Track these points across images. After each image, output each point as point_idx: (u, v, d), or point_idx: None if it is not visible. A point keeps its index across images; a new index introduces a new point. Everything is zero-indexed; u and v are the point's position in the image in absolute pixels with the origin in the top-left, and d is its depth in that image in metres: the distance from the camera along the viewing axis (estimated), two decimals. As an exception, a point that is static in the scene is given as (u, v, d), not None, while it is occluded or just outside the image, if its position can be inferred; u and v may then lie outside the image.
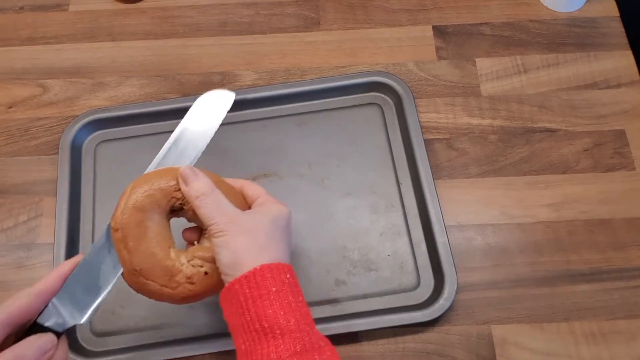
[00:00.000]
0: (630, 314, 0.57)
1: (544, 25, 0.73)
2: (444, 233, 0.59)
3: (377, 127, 0.67)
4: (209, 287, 0.45)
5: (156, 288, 0.44)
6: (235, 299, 0.41)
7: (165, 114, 0.67)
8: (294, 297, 0.42)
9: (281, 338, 0.39)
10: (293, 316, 0.41)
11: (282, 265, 0.43)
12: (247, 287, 0.41)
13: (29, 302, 0.41)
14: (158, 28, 0.74)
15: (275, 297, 0.41)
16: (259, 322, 0.40)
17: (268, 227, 0.44)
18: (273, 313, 0.40)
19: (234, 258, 0.42)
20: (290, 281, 0.43)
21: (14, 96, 0.70)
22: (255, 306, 0.40)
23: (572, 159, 0.64)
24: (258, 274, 0.41)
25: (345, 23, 0.74)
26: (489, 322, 0.57)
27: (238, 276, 0.41)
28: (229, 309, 0.42)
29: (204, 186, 0.44)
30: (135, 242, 0.43)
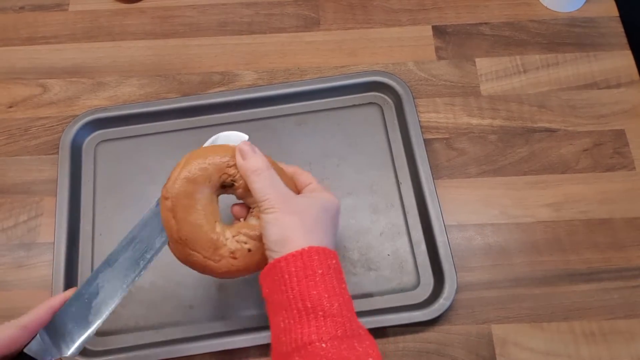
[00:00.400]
0: (630, 314, 0.57)
1: (543, 25, 0.73)
2: (443, 233, 0.59)
3: (376, 126, 0.67)
4: (251, 265, 0.45)
5: (200, 259, 0.44)
6: (280, 275, 0.41)
7: (165, 113, 0.67)
8: (338, 283, 0.42)
9: (323, 320, 0.39)
10: (337, 300, 0.40)
11: (329, 250, 0.43)
12: (293, 266, 0.40)
13: (15, 335, 0.41)
14: (158, 28, 0.74)
15: (321, 279, 0.41)
16: (302, 302, 0.40)
17: (318, 212, 0.45)
18: (317, 294, 0.40)
19: (283, 235, 0.42)
20: (336, 267, 0.43)
21: (14, 96, 0.70)
22: (300, 285, 0.40)
23: (571, 159, 0.64)
24: (305, 255, 0.41)
25: (345, 23, 0.74)
26: (488, 322, 0.57)
27: (285, 254, 0.41)
28: (271, 285, 0.41)
29: (261, 163, 0.44)
30: (184, 213, 0.44)
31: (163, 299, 0.59)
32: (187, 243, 0.44)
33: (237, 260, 0.45)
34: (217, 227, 0.45)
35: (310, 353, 0.38)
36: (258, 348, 0.56)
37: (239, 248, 0.45)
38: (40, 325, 0.43)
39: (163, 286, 0.59)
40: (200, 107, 0.67)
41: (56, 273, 0.58)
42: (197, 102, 0.67)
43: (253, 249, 0.45)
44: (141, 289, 0.59)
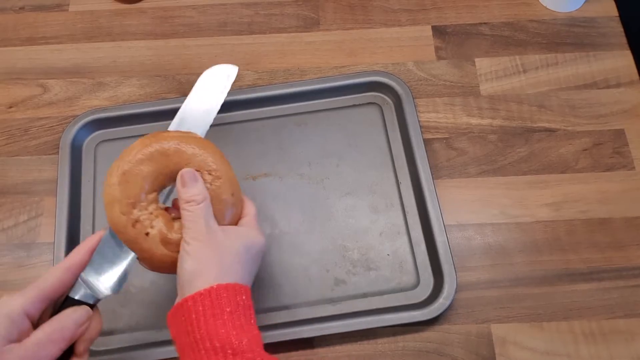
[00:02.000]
0: (630, 313, 0.57)
1: (543, 25, 0.73)
2: (443, 232, 0.59)
3: (376, 126, 0.67)
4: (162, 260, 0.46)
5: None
6: (187, 316, 0.41)
7: (165, 113, 0.67)
8: (246, 320, 0.42)
9: (232, 357, 0.39)
10: (245, 336, 0.40)
11: (239, 286, 0.43)
12: (200, 305, 0.41)
13: (60, 277, 0.43)
14: (158, 28, 0.74)
15: (229, 317, 0.41)
16: (209, 341, 0.39)
17: (239, 251, 0.45)
18: (226, 332, 0.40)
19: (196, 268, 0.43)
20: (245, 303, 0.43)
21: (14, 96, 0.70)
22: (207, 325, 0.40)
23: (571, 159, 0.65)
24: (214, 293, 0.41)
25: (345, 23, 0.74)
26: (488, 321, 0.57)
27: (193, 292, 0.41)
28: (178, 326, 0.41)
29: (197, 194, 0.44)
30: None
31: (163, 299, 0.59)
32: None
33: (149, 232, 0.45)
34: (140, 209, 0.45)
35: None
36: (258, 348, 0.56)
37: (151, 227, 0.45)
38: (82, 266, 0.44)
39: (163, 286, 0.59)
40: (200, 107, 0.67)
41: (56, 273, 0.58)
42: (197, 102, 0.67)
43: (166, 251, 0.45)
44: (142, 288, 0.59)
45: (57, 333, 0.40)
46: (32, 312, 0.41)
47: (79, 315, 0.42)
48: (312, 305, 0.58)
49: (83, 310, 0.42)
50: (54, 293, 0.42)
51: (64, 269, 0.43)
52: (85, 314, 0.42)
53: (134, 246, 0.45)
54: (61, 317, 0.41)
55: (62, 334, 0.40)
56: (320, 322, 0.56)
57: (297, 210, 0.62)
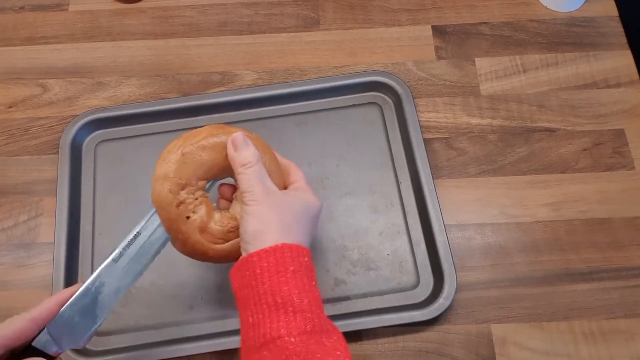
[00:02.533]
0: (630, 313, 0.57)
1: (543, 25, 0.73)
2: (443, 232, 0.59)
3: (376, 126, 0.67)
4: (230, 253, 0.47)
5: (194, 242, 0.46)
6: (251, 270, 0.41)
7: (165, 113, 0.67)
8: (308, 280, 0.42)
9: (293, 315, 0.39)
10: (306, 297, 0.41)
11: (301, 247, 0.43)
12: (265, 261, 0.41)
13: (24, 327, 0.42)
14: (158, 28, 0.74)
15: (292, 276, 0.41)
16: (272, 296, 0.40)
17: (298, 211, 0.45)
18: (288, 290, 0.40)
19: (259, 228, 0.43)
20: (308, 264, 0.43)
21: (14, 96, 0.70)
22: (271, 281, 0.40)
23: (571, 159, 0.65)
24: (278, 251, 0.41)
25: (345, 23, 0.74)
26: (488, 321, 0.57)
27: (258, 249, 0.41)
28: (241, 280, 0.42)
29: (251, 156, 0.45)
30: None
31: (163, 299, 0.59)
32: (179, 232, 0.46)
33: (221, 245, 0.46)
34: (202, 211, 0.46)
35: (279, 347, 0.38)
36: (258, 348, 0.56)
37: (223, 232, 0.46)
38: (49, 318, 0.43)
39: (163, 286, 0.59)
40: (200, 107, 0.67)
41: (56, 273, 0.58)
42: (196, 102, 0.67)
43: (232, 239, 0.46)
44: (141, 288, 0.59)
45: None
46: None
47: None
48: (312, 305, 0.58)
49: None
50: (14, 342, 0.41)
51: (28, 319, 0.42)
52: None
53: (172, 225, 0.46)
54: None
55: None
56: (320, 322, 0.56)
57: (297, 210, 0.62)
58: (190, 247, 0.46)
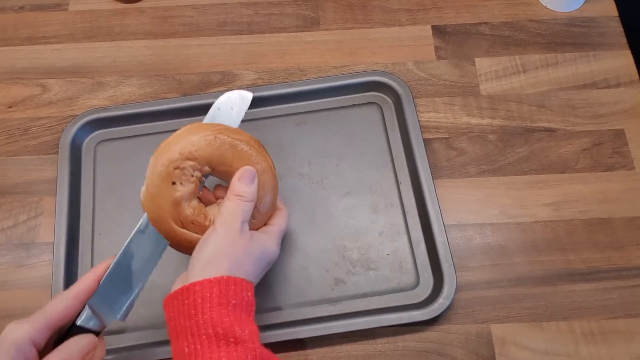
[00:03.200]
0: (630, 313, 0.57)
1: (543, 25, 0.73)
2: (443, 232, 0.59)
3: (376, 126, 0.67)
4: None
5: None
6: (192, 299, 0.41)
7: (164, 113, 0.67)
8: (247, 315, 0.43)
9: (234, 346, 0.40)
10: (247, 328, 0.41)
11: (246, 282, 0.44)
12: (208, 291, 0.41)
13: (67, 306, 0.43)
14: (158, 28, 0.74)
15: (232, 309, 0.42)
16: (212, 327, 0.40)
17: (254, 253, 0.46)
18: (229, 322, 0.41)
19: (212, 257, 0.44)
20: (249, 300, 0.44)
21: (14, 96, 0.70)
22: (212, 311, 0.40)
23: (571, 159, 0.65)
24: (223, 283, 0.42)
25: (345, 23, 0.74)
26: (488, 321, 0.57)
27: (202, 279, 0.42)
28: (180, 307, 0.42)
29: (248, 194, 0.46)
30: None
31: (163, 299, 0.59)
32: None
33: (178, 228, 0.47)
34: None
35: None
36: (258, 348, 0.56)
37: (188, 219, 0.47)
38: (89, 295, 0.44)
39: (163, 285, 0.59)
40: (199, 107, 0.67)
41: (56, 273, 0.58)
42: (196, 102, 0.67)
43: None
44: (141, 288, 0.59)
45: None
46: (39, 341, 0.41)
47: (84, 344, 0.42)
48: (312, 305, 0.58)
49: (89, 339, 0.43)
50: (61, 321, 0.42)
51: (71, 297, 0.43)
52: (91, 342, 0.43)
53: (157, 181, 0.47)
54: (67, 346, 0.41)
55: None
56: (320, 322, 0.56)
57: (297, 210, 0.62)
58: (157, 214, 0.47)
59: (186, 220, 0.46)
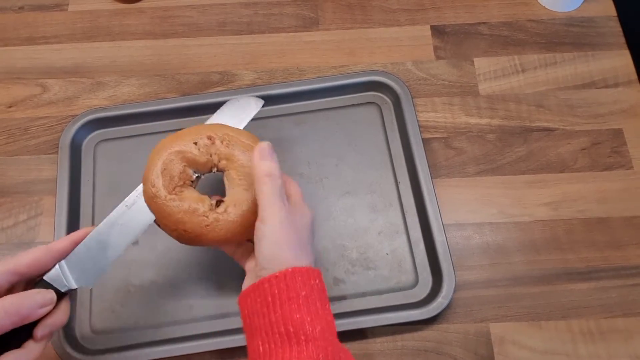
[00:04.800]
0: (628, 312, 0.57)
1: (541, 25, 0.73)
2: (442, 232, 0.59)
3: (375, 126, 0.67)
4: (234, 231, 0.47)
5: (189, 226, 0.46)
6: (263, 298, 0.40)
7: (164, 113, 0.67)
8: (321, 304, 0.41)
9: (305, 344, 0.39)
10: (319, 323, 0.40)
11: (312, 269, 0.42)
12: (276, 288, 0.40)
13: (37, 257, 0.43)
14: (157, 28, 0.75)
15: (304, 301, 0.40)
16: (284, 325, 0.39)
17: (304, 228, 0.45)
18: (300, 318, 0.40)
19: (274, 252, 0.42)
20: (319, 286, 0.42)
21: (14, 96, 0.70)
22: (283, 309, 0.40)
23: (569, 158, 0.65)
24: (289, 276, 0.41)
25: (344, 23, 0.74)
26: (487, 320, 0.57)
27: (269, 274, 0.41)
28: (252, 307, 0.41)
29: (276, 169, 0.44)
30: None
31: (163, 298, 0.59)
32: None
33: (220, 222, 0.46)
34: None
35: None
36: (257, 347, 0.56)
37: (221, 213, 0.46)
38: (63, 254, 0.45)
39: (163, 285, 0.60)
40: (199, 107, 0.67)
41: (56, 272, 0.58)
42: (196, 101, 0.67)
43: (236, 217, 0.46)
44: (141, 287, 0.59)
45: (13, 307, 0.40)
46: (1, 282, 0.41)
47: (41, 297, 0.42)
48: (311, 304, 0.58)
49: (47, 294, 0.42)
50: (28, 270, 0.43)
51: (44, 249, 0.44)
52: (49, 297, 0.42)
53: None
54: (24, 294, 0.41)
55: (17, 309, 0.40)
56: (319, 321, 0.56)
57: (296, 210, 0.62)
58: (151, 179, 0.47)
59: (206, 213, 0.46)
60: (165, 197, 0.46)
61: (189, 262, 0.60)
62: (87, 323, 0.58)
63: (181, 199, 0.46)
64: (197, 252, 0.60)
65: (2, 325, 0.39)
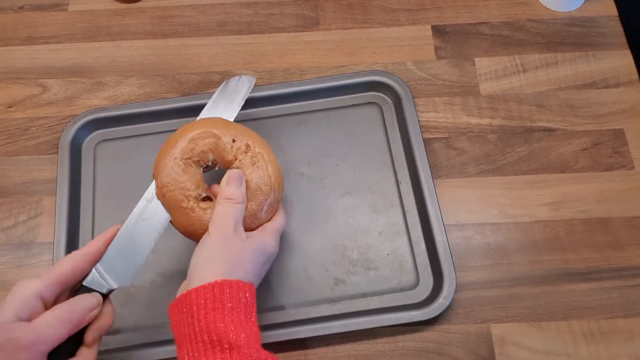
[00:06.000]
0: (629, 313, 0.57)
1: (542, 25, 0.73)
2: (443, 232, 0.59)
3: (376, 126, 0.67)
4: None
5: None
6: (188, 307, 0.42)
7: (164, 113, 0.67)
8: (245, 316, 0.43)
9: (229, 352, 0.40)
10: (243, 332, 0.41)
11: (243, 283, 0.44)
12: (202, 298, 0.42)
13: (76, 264, 0.44)
14: (157, 27, 0.74)
15: (229, 312, 0.42)
16: (207, 334, 0.40)
17: (253, 250, 0.47)
18: (224, 327, 0.41)
19: (207, 261, 0.44)
20: (248, 301, 0.44)
21: (14, 96, 0.70)
22: (207, 318, 0.41)
23: (570, 158, 0.65)
24: (217, 287, 0.42)
25: (345, 23, 0.74)
26: (487, 321, 0.57)
27: (197, 285, 0.42)
28: (178, 316, 0.43)
29: (238, 196, 0.47)
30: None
31: (163, 298, 0.59)
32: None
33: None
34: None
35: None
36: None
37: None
38: (97, 256, 0.46)
39: (163, 285, 0.59)
40: (199, 107, 0.66)
41: (56, 273, 0.58)
42: (196, 101, 0.67)
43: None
44: (141, 288, 0.59)
45: (65, 315, 0.41)
46: (46, 295, 0.42)
47: (88, 301, 0.43)
48: (312, 305, 0.58)
49: (93, 298, 0.44)
50: (69, 279, 0.44)
51: (80, 256, 0.45)
52: (95, 301, 0.44)
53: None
54: (71, 301, 0.43)
55: (70, 317, 0.41)
56: (319, 322, 0.56)
57: (297, 210, 0.62)
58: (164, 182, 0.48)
59: (190, 197, 0.48)
60: (174, 158, 0.48)
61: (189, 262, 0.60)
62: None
63: (184, 169, 0.48)
64: (198, 252, 0.60)
65: (59, 334, 0.40)
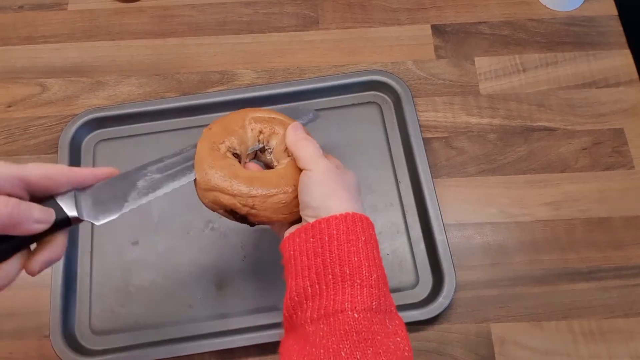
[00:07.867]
0: (629, 312, 0.57)
1: (542, 24, 0.73)
2: (442, 231, 0.59)
3: (376, 126, 0.67)
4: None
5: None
6: (319, 237, 0.38)
7: (164, 112, 0.67)
8: (377, 254, 0.40)
9: (359, 289, 0.37)
10: (375, 271, 0.38)
11: (369, 220, 0.41)
12: (335, 229, 0.38)
13: (52, 173, 0.39)
14: (157, 27, 0.74)
15: (363, 247, 0.38)
16: (339, 267, 0.37)
17: (353, 185, 0.43)
18: (358, 261, 0.38)
19: (327, 192, 0.40)
20: (375, 237, 0.41)
21: (14, 95, 0.70)
22: (340, 250, 0.38)
23: (570, 158, 0.65)
24: (350, 219, 0.39)
25: (344, 22, 0.74)
26: (487, 321, 0.57)
27: (323, 217, 0.39)
28: (303, 245, 0.39)
29: (312, 138, 0.45)
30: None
31: (163, 298, 0.59)
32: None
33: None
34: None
35: (340, 321, 0.36)
36: (258, 347, 0.56)
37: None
38: (79, 183, 0.41)
39: (163, 285, 0.59)
40: (199, 107, 0.67)
41: (55, 273, 0.58)
42: (196, 101, 0.67)
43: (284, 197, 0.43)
44: (141, 287, 0.59)
45: (7, 208, 0.35)
46: (2, 184, 0.36)
47: (39, 211, 0.37)
48: (312, 304, 0.57)
49: (47, 212, 0.38)
50: (36, 179, 0.38)
51: (59, 167, 0.39)
52: (47, 215, 0.38)
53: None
54: (23, 202, 0.36)
55: (11, 211, 0.35)
56: (319, 322, 0.56)
57: (297, 210, 0.62)
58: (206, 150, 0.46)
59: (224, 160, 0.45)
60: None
61: (189, 262, 0.60)
62: (87, 323, 0.58)
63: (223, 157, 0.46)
64: (197, 252, 0.60)
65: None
